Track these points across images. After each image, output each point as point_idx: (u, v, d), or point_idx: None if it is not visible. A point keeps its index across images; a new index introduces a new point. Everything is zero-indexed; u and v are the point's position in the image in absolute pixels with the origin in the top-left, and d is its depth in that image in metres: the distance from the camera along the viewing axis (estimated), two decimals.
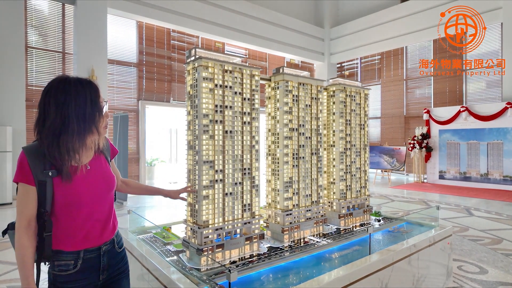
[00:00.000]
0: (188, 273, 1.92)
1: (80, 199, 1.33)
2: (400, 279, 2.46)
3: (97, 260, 1.40)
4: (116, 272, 1.50)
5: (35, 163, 1.27)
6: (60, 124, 1.27)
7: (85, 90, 1.33)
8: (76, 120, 1.29)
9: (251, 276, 2.01)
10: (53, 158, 1.27)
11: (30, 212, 1.27)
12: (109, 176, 1.48)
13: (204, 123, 2.08)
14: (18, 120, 7.84)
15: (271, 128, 2.66)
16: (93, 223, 1.39)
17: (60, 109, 1.27)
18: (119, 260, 1.52)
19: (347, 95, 3.15)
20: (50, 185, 1.27)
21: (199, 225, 2.08)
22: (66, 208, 1.32)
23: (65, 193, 1.30)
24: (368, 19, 13.21)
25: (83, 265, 1.35)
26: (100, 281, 1.43)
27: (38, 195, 1.27)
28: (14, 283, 3.34)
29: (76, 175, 1.34)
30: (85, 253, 1.36)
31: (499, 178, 9.45)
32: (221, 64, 2.17)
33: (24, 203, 1.27)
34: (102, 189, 1.42)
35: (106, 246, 1.44)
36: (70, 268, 1.33)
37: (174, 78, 10.84)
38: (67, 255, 1.33)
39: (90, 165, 1.40)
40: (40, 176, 1.26)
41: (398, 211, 6.82)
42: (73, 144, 1.30)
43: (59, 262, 1.33)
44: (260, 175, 2.39)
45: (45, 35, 8.57)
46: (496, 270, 3.62)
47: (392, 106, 13.04)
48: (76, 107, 1.29)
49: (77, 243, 1.35)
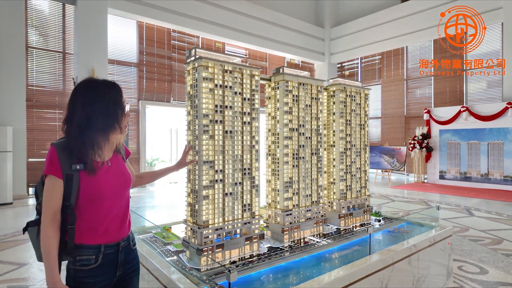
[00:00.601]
0: (188, 273, 1.92)
1: (103, 193, 1.42)
2: (400, 279, 2.45)
3: (116, 256, 1.47)
4: (130, 269, 1.57)
5: (64, 158, 1.35)
6: (86, 120, 1.37)
7: (109, 90, 1.45)
8: (100, 116, 1.39)
9: (251, 276, 2.01)
10: (79, 151, 1.36)
11: (56, 205, 1.35)
12: (127, 174, 1.57)
13: (204, 123, 2.09)
14: (19, 120, 7.84)
15: (271, 128, 2.66)
16: (112, 217, 1.47)
17: (86, 106, 1.38)
18: (133, 257, 1.59)
19: (347, 95, 3.14)
20: (76, 179, 1.36)
21: (199, 225, 2.08)
22: (89, 202, 1.40)
23: (89, 187, 1.38)
24: (368, 19, 13.20)
25: (103, 260, 1.42)
26: (116, 277, 1.49)
27: (64, 188, 1.36)
28: (14, 283, 3.34)
29: (99, 170, 1.43)
30: (105, 248, 1.43)
31: (500, 178, 9.44)
32: (221, 64, 2.17)
33: (51, 196, 1.34)
34: (121, 185, 1.51)
35: (124, 242, 1.51)
36: (92, 262, 1.39)
37: (174, 78, 10.84)
38: (89, 249, 1.40)
39: (110, 162, 1.50)
40: (68, 170, 1.35)
41: (398, 211, 6.82)
42: (97, 139, 1.41)
43: (81, 257, 1.39)
44: (260, 175, 2.39)
45: (46, 35, 8.58)
46: (496, 271, 3.61)
47: (392, 106, 13.03)
48: (101, 105, 1.40)
49: (98, 237, 1.42)
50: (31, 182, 8.28)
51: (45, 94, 8.52)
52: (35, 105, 8.32)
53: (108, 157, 1.50)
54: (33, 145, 8.27)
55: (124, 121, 1.50)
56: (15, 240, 4.76)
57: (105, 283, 1.45)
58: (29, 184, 8.23)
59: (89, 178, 1.38)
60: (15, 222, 5.81)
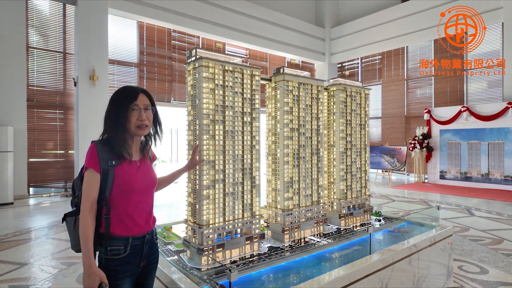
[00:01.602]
0: (188, 272, 1.93)
1: (133, 188, 1.58)
2: (401, 279, 2.46)
3: (141, 248, 1.62)
4: (152, 260, 1.71)
5: (103, 154, 1.53)
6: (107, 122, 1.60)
7: (120, 95, 1.62)
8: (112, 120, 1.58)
9: (252, 275, 2.01)
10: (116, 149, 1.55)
11: (94, 196, 1.51)
12: (153, 174, 1.75)
13: (204, 123, 2.09)
14: (19, 120, 7.86)
15: (272, 128, 2.66)
16: (140, 212, 1.62)
17: (107, 110, 1.61)
18: (155, 250, 1.73)
19: (347, 95, 3.15)
20: (111, 174, 1.53)
21: (200, 225, 2.08)
22: (120, 195, 1.55)
23: (122, 181, 1.55)
24: (368, 19, 13.20)
25: (131, 251, 1.57)
26: (140, 267, 1.63)
27: (101, 181, 1.52)
28: (15, 283, 3.35)
29: (130, 167, 1.60)
30: (133, 239, 1.58)
31: (500, 178, 9.44)
32: (221, 64, 2.18)
33: (90, 187, 1.51)
34: (148, 183, 1.67)
35: (148, 235, 1.66)
36: (121, 252, 1.55)
37: (175, 78, 10.85)
38: (119, 240, 1.55)
39: (139, 163, 1.67)
40: (105, 165, 1.52)
41: (398, 211, 6.82)
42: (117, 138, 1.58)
43: (112, 247, 1.54)
44: (260, 175, 2.40)
45: (46, 35, 8.59)
46: (496, 270, 3.62)
47: (392, 106, 13.03)
48: (112, 110, 1.59)
49: (127, 229, 1.57)
50: (32, 182, 8.30)
51: (46, 94, 8.54)
52: (36, 105, 8.33)
53: (137, 158, 1.67)
54: (33, 145, 8.28)
55: (132, 122, 1.60)
56: (16, 240, 4.77)
57: (132, 272, 1.59)
58: (30, 184, 8.24)
59: (122, 173, 1.56)
60: (16, 222, 5.82)
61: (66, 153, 8.82)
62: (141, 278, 1.68)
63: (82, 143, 8.22)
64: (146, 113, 1.63)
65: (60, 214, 6.38)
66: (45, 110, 8.50)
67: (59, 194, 8.51)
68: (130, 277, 1.59)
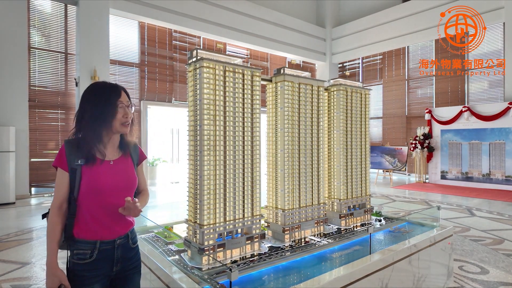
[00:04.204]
0: (189, 272, 1.94)
1: (101, 189, 1.50)
2: (401, 279, 2.46)
3: (112, 252, 1.54)
4: (129, 266, 1.62)
5: (71, 153, 1.48)
6: (85, 120, 1.51)
7: (102, 91, 1.55)
8: (93, 116, 1.50)
9: (252, 275, 2.02)
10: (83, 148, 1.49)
11: (62, 195, 1.48)
12: (131, 177, 1.63)
13: (205, 124, 2.10)
14: (21, 120, 7.88)
15: (272, 129, 2.67)
16: (110, 216, 1.53)
17: (84, 107, 1.52)
18: (132, 255, 1.64)
19: (348, 95, 3.15)
20: (79, 173, 1.48)
21: (201, 225, 2.09)
22: (88, 196, 1.49)
23: (89, 181, 1.48)
24: (369, 19, 13.19)
25: (98, 256, 1.50)
26: (113, 272, 1.56)
27: (70, 181, 1.48)
28: (17, 282, 3.37)
29: (100, 167, 1.52)
30: (101, 244, 1.51)
31: (501, 178, 9.43)
32: (222, 65, 2.19)
33: (59, 187, 1.48)
34: (121, 186, 1.57)
35: (121, 240, 1.57)
36: (87, 257, 1.48)
37: (176, 78, 10.87)
38: (85, 244, 1.49)
39: (114, 162, 1.58)
40: (73, 164, 1.48)
41: (399, 211, 6.82)
42: (91, 136, 1.51)
43: (78, 251, 1.48)
44: (261, 175, 2.41)
45: (48, 36, 8.62)
46: (497, 271, 3.62)
47: (393, 106, 13.02)
48: (92, 105, 1.51)
49: (94, 232, 1.50)
50: (34, 182, 8.32)
51: (47, 95, 8.56)
52: (37, 105, 8.36)
53: (113, 157, 1.59)
54: (35, 145, 8.30)
55: (118, 120, 1.55)
56: (18, 239, 4.79)
57: (102, 278, 1.52)
58: (31, 184, 8.27)
59: (89, 173, 1.48)
60: (17, 222, 5.84)
61: None
62: (122, 284, 1.61)
63: None
64: (129, 110, 1.60)
65: None
66: (47, 110, 8.53)
67: None
68: (100, 282, 1.51)
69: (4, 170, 7.22)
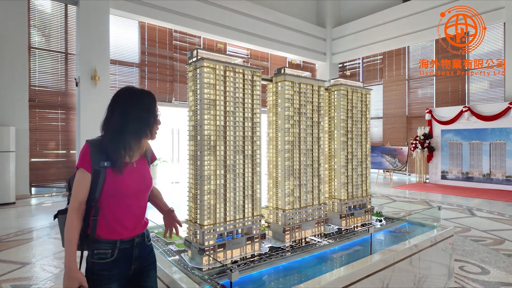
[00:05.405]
0: (190, 272, 1.94)
1: (124, 191, 1.52)
2: (401, 279, 2.46)
3: (130, 251, 1.57)
4: (145, 263, 1.65)
5: (95, 154, 1.48)
6: (121, 124, 1.51)
7: (144, 98, 1.57)
8: (135, 122, 1.52)
9: (253, 275, 2.02)
10: (112, 152, 1.49)
11: (82, 196, 1.47)
12: (149, 177, 1.69)
13: (206, 124, 2.10)
14: (21, 120, 7.88)
15: (272, 128, 2.66)
16: (130, 216, 1.56)
17: (123, 112, 1.52)
18: (148, 252, 1.68)
19: (348, 95, 3.15)
20: (103, 175, 1.47)
21: (201, 225, 2.09)
22: (110, 198, 1.50)
23: (113, 184, 1.49)
24: (369, 19, 13.19)
25: (118, 255, 1.52)
26: (131, 270, 1.58)
27: (91, 182, 1.48)
28: (17, 282, 3.36)
29: (125, 170, 1.54)
30: (121, 243, 1.53)
31: (502, 178, 9.42)
32: (222, 65, 2.19)
33: (79, 188, 1.47)
34: (142, 187, 1.61)
35: (138, 238, 1.61)
36: (108, 256, 1.50)
37: (176, 78, 10.87)
38: (106, 244, 1.50)
39: (136, 164, 1.61)
40: (96, 166, 1.47)
41: (399, 211, 6.81)
42: (129, 142, 1.54)
43: (99, 251, 1.49)
44: (261, 175, 2.40)
45: (48, 36, 8.62)
46: (498, 271, 3.61)
47: (394, 106, 13.01)
48: (136, 111, 1.53)
49: (114, 232, 1.52)
50: (34, 182, 8.32)
51: (48, 95, 8.56)
52: (38, 105, 8.36)
53: (135, 159, 1.62)
54: (35, 145, 8.30)
55: (155, 128, 1.62)
56: (18, 239, 4.78)
57: (120, 276, 1.54)
58: (32, 184, 8.27)
59: (114, 176, 1.49)
60: (18, 222, 5.84)
61: (68, 153, 8.85)
62: (139, 281, 1.63)
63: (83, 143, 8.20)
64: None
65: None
66: (47, 110, 8.53)
67: (60, 194, 8.53)
68: (118, 281, 1.53)
69: (4, 170, 7.22)
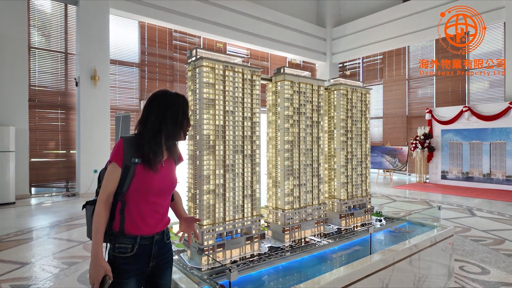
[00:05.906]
0: (189, 272, 1.93)
1: (150, 188, 1.56)
2: (401, 279, 2.46)
3: (150, 248, 1.59)
4: (163, 261, 1.67)
5: (128, 150, 1.53)
6: (158, 126, 1.57)
7: (179, 101, 1.64)
8: (171, 124, 1.59)
9: (252, 275, 2.02)
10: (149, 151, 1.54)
11: (111, 189, 1.52)
12: (175, 177, 1.74)
13: (205, 123, 2.09)
14: (21, 120, 7.88)
15: (272, 128, 2.66)
16: (153, 213, 1.60)
17: (160, 114, 1.58)
18: (166, 250, 1.71)
19: (348, 95, 3.14)
20: (132, 171, 1.52)
21: (200, 225, 2.09)
22: (137, 194, 1.54)
23: (141, 180, 1.54)
24: (370, 18, 13.18)
25: (138, 250, 1.55)
26: (149, 267, 1.61)
27: (121, 176, 1.52)
28: (17, 282, 3.36)
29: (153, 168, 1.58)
30: (141, 239, 1.56)
31: (502, 178, 9.41)
32: (222, 64, 2.18)
33: (109, 180, 1.52)
34: (167, 186, 1.65)
35: (158, 235, 1.63)
36: (128, 251, 1.53)
37: (176, 78, 10.87)
38: (127, 238, 1.54)
39: (164, 163, 1.65)
40: (127, 161, 1.53)
41: (399, 211, 6.81)
42: (166, 143, 1.61)
43: (120, 245, 1.53)
44: (261, 175, 2.40)
45: (48, 36, 8.61)
46: (498, 271, 3.60)
47: (394, 106, 13.01)
48: (172, 114, 1.59)
49: (137, 228, 1.55)
50: (34, 182, 8.32)
51: (47, 94, 8.56)
52: (38, 105, 8.36)
53: (164, 159, 1.66)
54: (35, 145, 8.30)
55: (187, 129, 1.67)
56: (18, 239, 4.78)
57: (138, 272, 1.57)
58: (31, 183, 8.26)
59: (143, 173, 1.54)
60: (17, 222, 5.84)
61: (68, 153, 8.84)
62: (155, 278, 1.66)
63: (83, 143, 8.24)
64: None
65: (61, 213, 6.39)
66: (47, 110, 8.53)
67: (60, 193, 8.53)
68: (136, 276, 1.56)
69: (4, 170, 7.22)
